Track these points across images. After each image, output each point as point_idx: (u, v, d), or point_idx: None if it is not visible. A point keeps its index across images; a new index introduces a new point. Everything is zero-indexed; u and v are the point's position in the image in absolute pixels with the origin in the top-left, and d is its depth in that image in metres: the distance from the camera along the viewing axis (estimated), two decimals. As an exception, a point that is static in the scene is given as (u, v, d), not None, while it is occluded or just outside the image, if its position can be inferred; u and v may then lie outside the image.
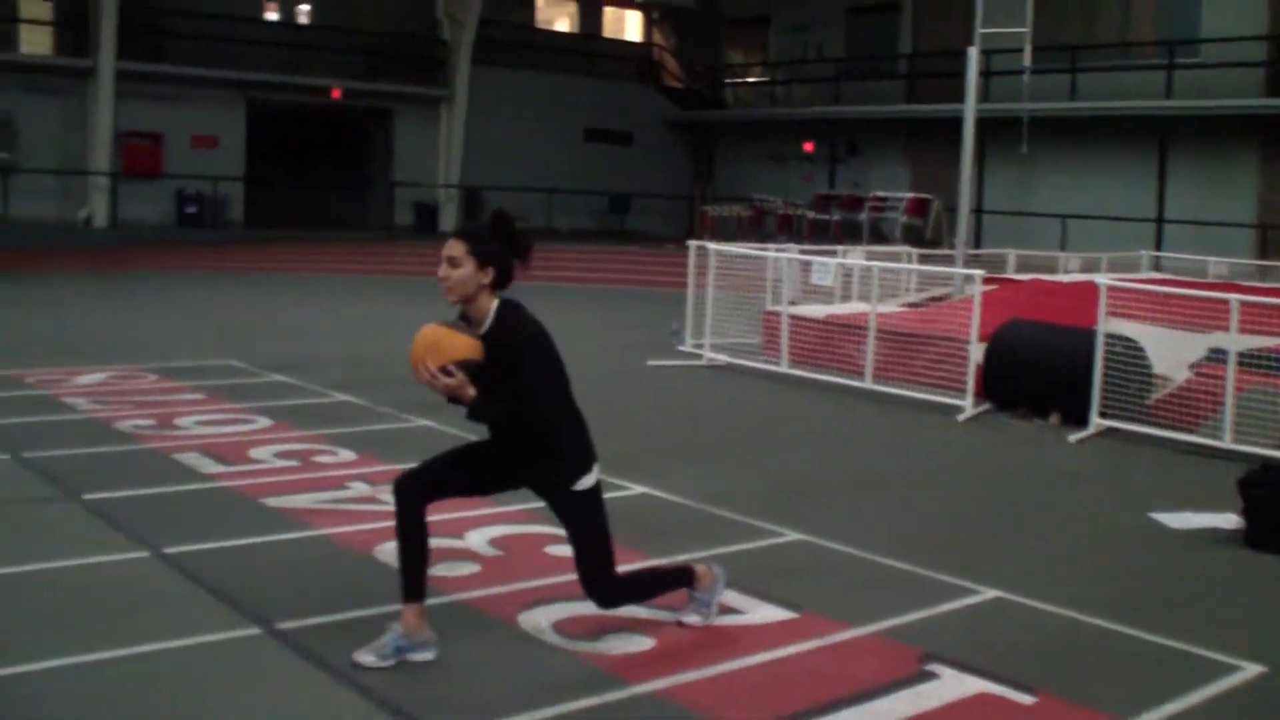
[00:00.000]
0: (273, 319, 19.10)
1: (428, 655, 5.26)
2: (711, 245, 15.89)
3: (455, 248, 5.07)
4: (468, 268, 5.04)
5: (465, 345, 5.00)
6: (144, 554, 6.69)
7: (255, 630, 5.58)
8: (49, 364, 13.02)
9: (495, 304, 5.13)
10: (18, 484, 8.19)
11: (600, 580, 5.35)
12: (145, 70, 32.54)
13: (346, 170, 38.60)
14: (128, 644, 5.33)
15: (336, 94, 35.92)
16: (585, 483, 5.31)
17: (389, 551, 6.68)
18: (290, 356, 14.06)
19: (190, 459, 8.97)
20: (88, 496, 7.79)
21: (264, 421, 10.42)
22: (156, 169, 33.28)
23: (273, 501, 7.82)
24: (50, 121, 32.04)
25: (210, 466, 8.75)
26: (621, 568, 5.51)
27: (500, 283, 5.13)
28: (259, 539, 7.02)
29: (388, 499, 7.87)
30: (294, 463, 8.97)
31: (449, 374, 4.93)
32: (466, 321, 5.17)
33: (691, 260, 15.72)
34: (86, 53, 31.89)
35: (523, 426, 5.11)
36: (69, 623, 5.63)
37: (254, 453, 9.23)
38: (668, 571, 5.92)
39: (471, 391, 4.98)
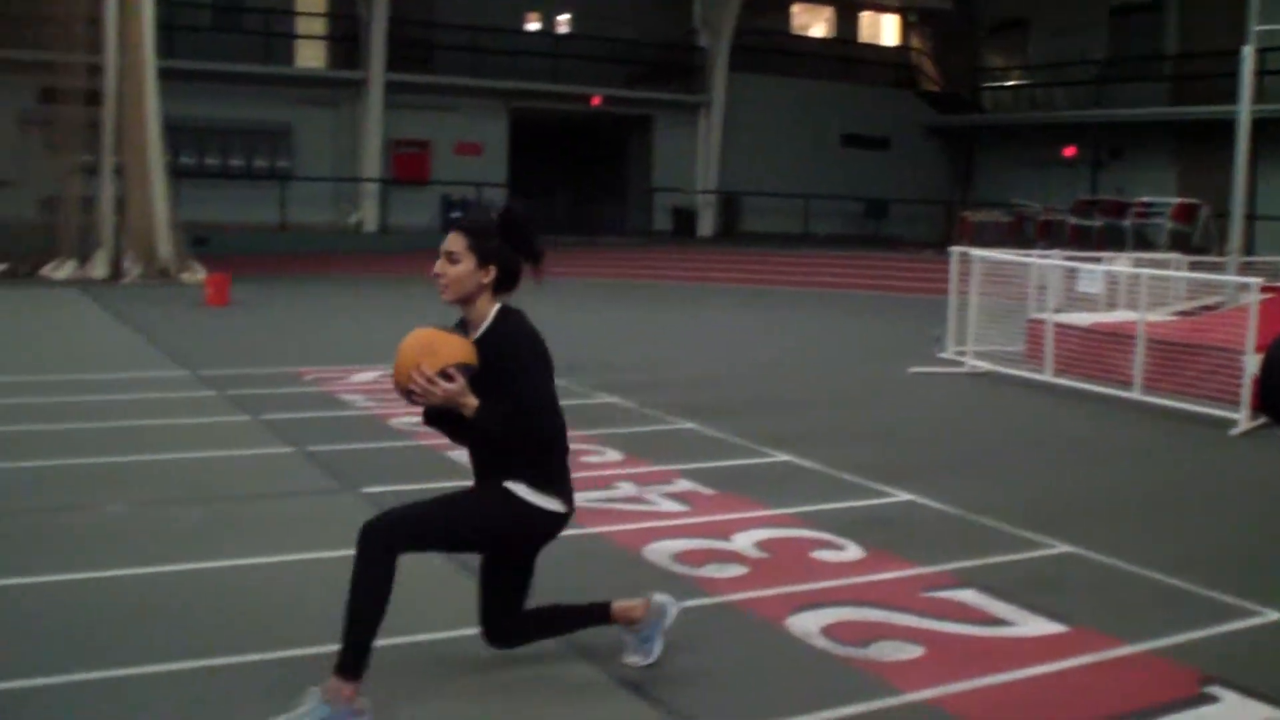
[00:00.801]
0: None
1: (656, 649, 5.17)
2: (974, 251, 15.66)
3: (455, 242, 4.60)
4: (467, 264, 4.58)
5: (463, 348, 4.56)
6: (422, 547, 6.92)
7: (529, 625, 5.70)
8: (325, 362, 13.61)
9: (495, 309, 4.69)
10: (302, 476, 8.63)
11: (384, 532, 4.53)
12: (413, 81, 33.73)
13: (606, 176, 39.19)
14: (405, 633, 5.44)
15: (596, 101, 36.56)
16: (520, 490, 4.73)
17: (658, 550, 6.83)
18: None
19: (462, 456, 9.18)
20: (367, 490, 8.11)
21: (530, 422, 10.64)
22: (424, 175, 34.43)
23: (542, 500, 7.99)
24: (324, 131, 33.48)
25: (481, 464, 8.99)
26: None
27: (504, 285, 4.69)
28: (530, 536, 7.18)
29: (654, 498, 8.05)
30: (561, 462, 9.14)
31: (449, 378, 4.46)
32: (462, 327, 4.73)
33: (953, 266, 15.50)
34: (358, 65, 33.23)
35: (520, 438, 4.61)
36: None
37: (522, 452, 9.44)
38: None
39: (473, 400, 4.49)
